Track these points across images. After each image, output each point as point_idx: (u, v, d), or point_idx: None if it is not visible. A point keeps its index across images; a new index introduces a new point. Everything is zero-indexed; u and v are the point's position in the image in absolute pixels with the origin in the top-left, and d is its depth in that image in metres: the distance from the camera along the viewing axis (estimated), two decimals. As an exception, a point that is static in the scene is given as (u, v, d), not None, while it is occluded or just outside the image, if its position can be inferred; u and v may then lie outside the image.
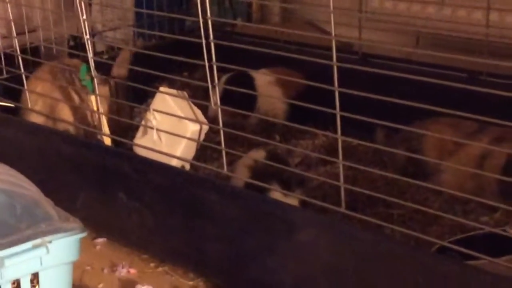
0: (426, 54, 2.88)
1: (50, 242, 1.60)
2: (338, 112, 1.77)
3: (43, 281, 1.64)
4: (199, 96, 2.81)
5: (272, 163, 2.07)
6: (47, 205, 1.69)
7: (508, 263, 1.59)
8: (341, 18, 3.01)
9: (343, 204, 1.84)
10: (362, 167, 1.93)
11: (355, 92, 1.73)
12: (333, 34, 1.75)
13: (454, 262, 1.67)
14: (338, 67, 1.78)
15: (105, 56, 3.06)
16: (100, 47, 3.27)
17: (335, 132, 1.86)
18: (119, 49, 2.85)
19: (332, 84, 1.79)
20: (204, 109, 2.36)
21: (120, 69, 2.53)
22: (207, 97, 2.08)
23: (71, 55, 2.89)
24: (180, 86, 2.98)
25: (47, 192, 1.76)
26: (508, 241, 1.69)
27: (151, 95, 2.37)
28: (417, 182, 1.85)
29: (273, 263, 1.97)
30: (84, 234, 1.68)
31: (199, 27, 2.00)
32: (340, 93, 1.79)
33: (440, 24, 3.06)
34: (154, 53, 2.20)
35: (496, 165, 2.26)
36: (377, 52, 2.91)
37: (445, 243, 1.78)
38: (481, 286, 1.59)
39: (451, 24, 2.90)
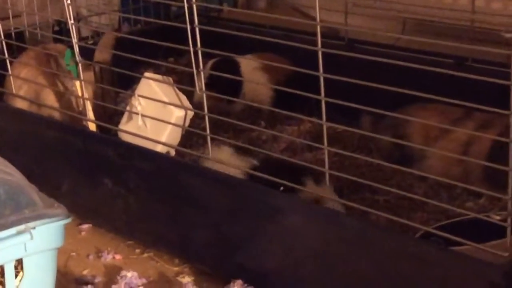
0: (412, 40, 2.89)
1: (34, 228, 1.59)
2: (323, 98, 1.77)
3: (28, 268, 1.63)
4: (185, 82, 2.79)
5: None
6: (31, 191, 1.67)
7: (492, 249, 1.60)
8: (328, 3, 3.02)
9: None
10: (347, 153, 1.93)
11: (340, 78, 1.73)
12: (317, 20, 1.74)
13: (438, 248, 1.67)
14: (323, 53, 1.78)
15: (90, 42, 3.05)
16: (85, 32, 3.25)
17: (321, 118, 1.86)
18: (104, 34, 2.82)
19: (318, 70, 1.79)
20: (190, 95, 2.35)
21: (103, 54, 2.51)
22: (193, 83, 2.07)
23: (55, 40, 2.86)
24: (166, 72, 2.97)
25: (31, 178, 1.75)
26: (492, 227, 1.69)
27: (137, 81, 2.36)
28: (402, 168, 1.84)
29: (259, 248, 1.97)
30: (68, 220, 1.67)
31: (185, 13, 1.99)
32: (326, 79, 1.79)
33: (426, 10, 3.06)
34: (137, 38, 2.20)
35: (482, 151, 2.26)
36: (363, 38, 2.90)
37: (430, 229, 1.79)
38: (464, 272, 1.59)
39: (437, 10, 2.90)
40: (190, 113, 2.20)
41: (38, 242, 1.60)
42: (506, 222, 1.58)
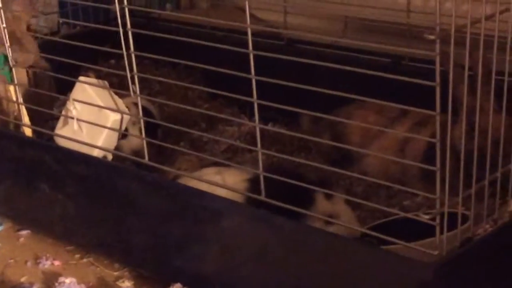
0: (353, 39, 2.91)
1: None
2: (255, 100, 1.77)
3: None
4: (126, 84, 2.77)
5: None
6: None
7: (423, 247, 1.62)
8: (269, 3, 3.03)
9: (262, 192, 1.84)
10: (279, 155, 1.93)
11: (272, 80, 1.73)
12: (248, 22, 1.74)
13: (370, 247, 1.69)
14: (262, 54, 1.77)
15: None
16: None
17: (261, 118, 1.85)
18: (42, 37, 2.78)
19: (257, 70, 1.78)
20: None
21: (36, 57, 2.47)
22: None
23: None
24: (107, 74, 2.94)
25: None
26: (427, 225, 1.71)
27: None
28: (338, 170, 1.85)
29: (198, 252, 1.97)
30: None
31: (124, 15, 1.97)
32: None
33: (367, 9, 3.08)
34: (67, 41, 2.18)
35: (419, 148, 2.28)
36: (304, 38, 2.91)
37: (364, 229, 1.80)
38: (396, 270, 1.61)
39: (377, 10, 2.92)
40: (126, 117, 2.18)
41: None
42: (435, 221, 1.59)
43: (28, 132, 2.34)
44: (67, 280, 2.07)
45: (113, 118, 2.16)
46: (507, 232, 1.77)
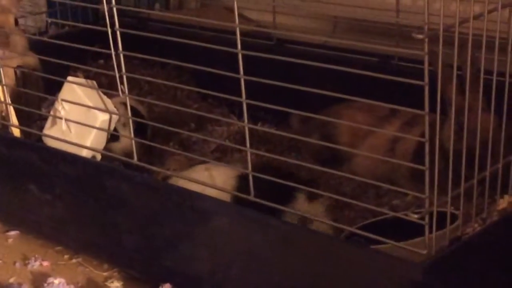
0: (342, 38, 2.92)
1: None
2: (244, 100, 1.77)
3: None
4: (115, 84, 2.76)
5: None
6: None
7: (412, 247, 1.62)
8: (258, 4, 3.03)
9: (251, 192, 1.84)
10: (268, 154, 1.93)
11: (260, 80, 1.73)
12: (236, 22, 1.73)
13: (359, 247, 1.69)
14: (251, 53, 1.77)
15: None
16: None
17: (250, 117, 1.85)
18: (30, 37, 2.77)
19: (247, 70, 1.78)
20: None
21: (25, 58, 2.46)
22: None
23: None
24: (96, 74, 2.93)
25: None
26: (417, 224, 1.71)
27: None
28: (326, 169, 1.85)
29: (187, 252, 1.97)
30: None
31: (112, 15, 1.96)
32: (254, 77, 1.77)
33: (356, 9, 3.09)
34: (55, 41, 2.16)
35: (408, 148, 2.29)
36: (293, 38, 2.91)
37: (353, 229, 1.80)
38: (385, 270, 1.61)
39: (366, 9, 2.92)
40: (115, 117, 2.18)
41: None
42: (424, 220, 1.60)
43: (16, 132, 2.33)
44: (56, 281, 2.06)
45: (101, 118, 2.15)
46: (496, 231, 1.77)
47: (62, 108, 2.15)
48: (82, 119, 2.15)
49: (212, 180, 2.04)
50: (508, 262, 1.83)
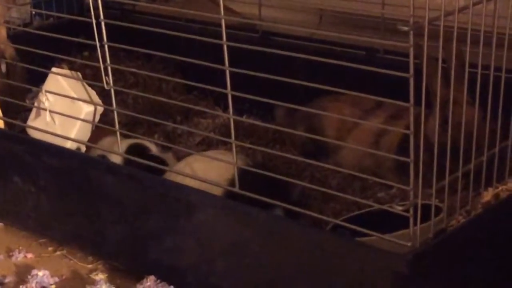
0: (328, 31, 2.91)
1: None
2: (229, 92, 1.76)
3: None
4: (100, 76, 2.75)
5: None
6: None
7: (396, 239, 1.62)
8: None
9: (236, 184, 1.83)
10: (253, 147, 1.93)
11: (246, 72, 1.72)
12: (222, 14, 1.73)
13: (343, 239, 1.69)
14: (237, 46, 1.76)
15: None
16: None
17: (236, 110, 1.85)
18: (14, 29, 2.76)
19: (232, 62, 1.77)
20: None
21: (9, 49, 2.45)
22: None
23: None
24: (80, 66, 2.92)
25: None
26: (402, 216, 1.72)
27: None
28: (311, 161, 1.86)
29: (172, 244, 1.96)
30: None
31: (97, 6, 1.95)
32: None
33: (342, 2, 3.09)
34: (40, 32, 2.15)
35: (393, 141, 2.29)
36: (279, 31, 2.91)
37: (338, 221, 1.81)
38: (369, 262, 1.62)
39: (352, 2, 2.93)
40: (100, 109, 2.17)
41: None
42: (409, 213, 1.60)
43: (0, 124, 2.32)
44: (40, 273, 2.05)
45: (86, 110, 2.15)
46: (480, 223, 1.78)
47: (47, 100, 2.14)
48: (66, 111, 2.14)
49: (207, 172, 2.03)
50: (492, 254, 1.84)
